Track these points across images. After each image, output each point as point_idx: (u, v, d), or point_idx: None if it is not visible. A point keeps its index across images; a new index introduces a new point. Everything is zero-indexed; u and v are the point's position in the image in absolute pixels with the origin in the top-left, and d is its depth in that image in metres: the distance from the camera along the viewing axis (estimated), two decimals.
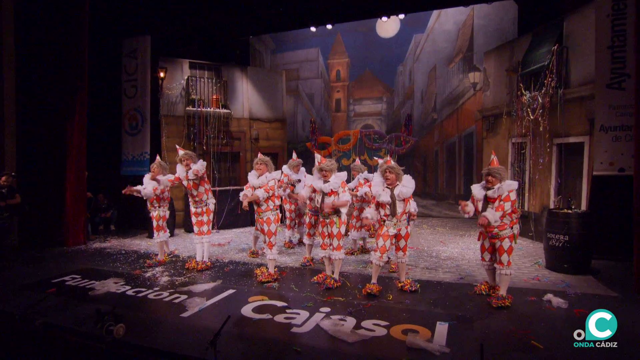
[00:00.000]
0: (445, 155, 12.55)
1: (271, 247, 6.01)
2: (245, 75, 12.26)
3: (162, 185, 6.69)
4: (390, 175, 5.22)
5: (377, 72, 13.41)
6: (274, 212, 5.92)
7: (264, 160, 6.01)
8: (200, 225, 6.78)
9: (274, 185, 5.86)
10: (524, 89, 8.74)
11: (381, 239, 5.30)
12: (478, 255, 7.44)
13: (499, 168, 4.88)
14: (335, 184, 5.62)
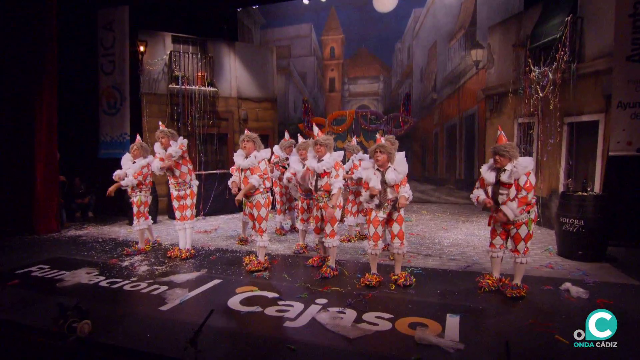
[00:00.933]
0: (445, 138, 12.16)
1: (261, 233, 5.57)
2: (233, 51, 11.67)
3: (156, 171, 6.18)
4: (380, 155, 4.71)
5: (373, 50, 12.90)
6: (264, 195, 5.46)
7: (251, 137, 5.50)
8: (182, 210, 6.32)
9: (266, 168, 5.38)
10: (532, 65, 8.32)
11: (372, 226, 4.89)
12: (484, 242, 7.14)
13: (507, 145, 4.38)
14: (328, 164, 5.19)
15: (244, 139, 5.51)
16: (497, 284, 4.73)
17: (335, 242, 5.37)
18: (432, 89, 12.29)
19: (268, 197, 5.47)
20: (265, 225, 5.55)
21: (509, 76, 9.30)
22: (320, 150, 5.28)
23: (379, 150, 4.71)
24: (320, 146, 5.27)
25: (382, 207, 4.80)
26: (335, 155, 5.30)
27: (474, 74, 11.62)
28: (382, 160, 4.72)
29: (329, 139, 5.35)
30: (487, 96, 10.36)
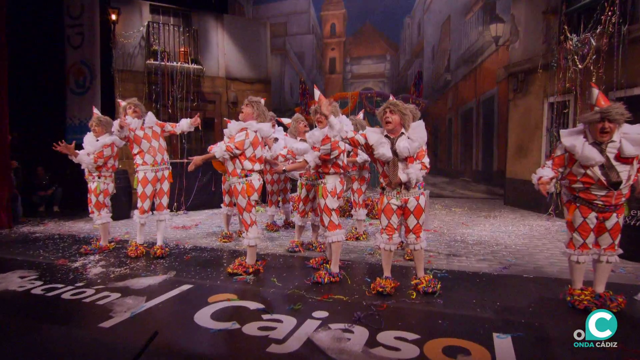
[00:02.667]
0: (460, 124, 11.34)
1: (247, 227, 4.55)
2: (221, 25, 10.68)
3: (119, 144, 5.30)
4: (391, 116, 3.70)
5: (379, 26, 12.11)
6: (244, 178, 4.42)
7: (252, 101, 4.48)
8: (160, 196, 5.43)
9: (243, 139, 4.35)
10: (569, 32, 7.31)
11: (383, 216, 3.91)
12: (516, 240, 6.17)
13: (618, 107, 3.20)
14: (316, 137, 4.26)
15: (246, 103, 4.52)
16: (599, 300, 3.49)
17: (339, 236, 4.35)
18: (445, 69, 11.44)
19: (250, 182, 4.43)
20: (250, 217, 4.53)
21: (538, 49, 8.32)
22: (322, 120, 4.28)
23: (389, 109, 3.70)
24: (321, 115, 4.27)
25: (393, 188, 3.78)
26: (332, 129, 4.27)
27: (494, 52, 10.71)
28: (393, 123, 3.71)
29: (332, 104, 4.34)
30: (510, 74, 9.40)
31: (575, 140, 3.37)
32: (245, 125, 4.41)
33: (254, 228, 4.56)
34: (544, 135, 8.35)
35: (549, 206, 8.01)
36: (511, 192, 9.50)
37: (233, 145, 4.31)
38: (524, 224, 7.40)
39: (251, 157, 4.42)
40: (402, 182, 3.74)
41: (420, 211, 3.96)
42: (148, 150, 5.24)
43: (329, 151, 4.26)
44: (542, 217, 8.01)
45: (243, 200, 4.45)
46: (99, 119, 5.49)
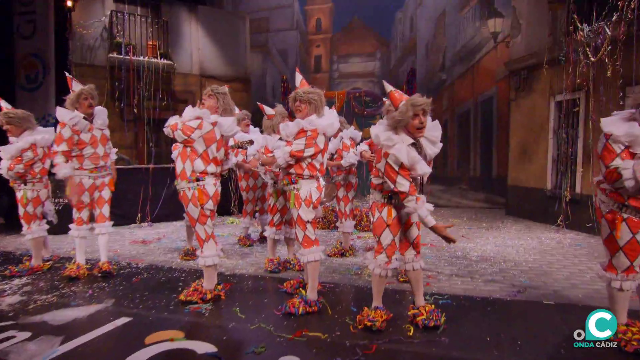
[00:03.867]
0: (456, 127, 10.85)
1: (201, 243, 3.78)
2: (195, 17, 9.99)
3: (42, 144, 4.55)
4: (423, 118, 3.02)
5: (368, 21, 11.60)
6: (194, 183, 3.66)
7: (215, 91, 3.78)
8: (101, 205, 4.64)
9: (193, 127, 3.60)
10: (579, 22, 6.71)
11: (388, 232, 3.15)
12: (526, 256, 5.48)
13: None
14: (290, 130, 3.57)
15: (207, 93, 3.81)
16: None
17: (315, 254, 3.59)
18: (440, 67, 10.95)
19: (200, 189, 3.66)
20: (205, 230, 3.75)
21: (544, 43, 7.73)
22: (301, 109, 3.54)
23: (422, 109, 2.95)
24: (300, 103, 3.56)
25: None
26: (310, 122, 3.54)
27: (492, 49, 10.23)
28: (426, 122, 3.02)
29: (314, 92, 3.62)
30: (511, 72, 8.82)
31: (632, 128, 2.68)
32: (200, 114, 3.65)
33: (210, 244, 3.78)
34: (550, 137, 7.74)
35: (558, 216, 7.35)
36: (514, 200, 8.85)
37: (181, 126, 3.55)
38: (531, 237, 6.72)
39: (204, 156, 3.65)
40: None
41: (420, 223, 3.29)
42: (90, 156, 4.46)
43: (302, 147, 3.50)
44: (550, 229, 7.34)
45: (194, 210, 3.68)
46: (9, 115, 4.61)
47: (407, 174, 2.97)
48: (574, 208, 7.11)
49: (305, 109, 3.59)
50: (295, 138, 3.54)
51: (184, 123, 3.62)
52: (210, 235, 3.80)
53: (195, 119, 3.63)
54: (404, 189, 2.94)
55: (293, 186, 3.63)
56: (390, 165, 2.96)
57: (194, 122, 3.61)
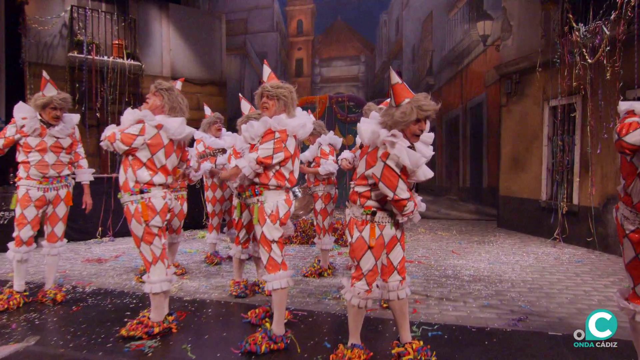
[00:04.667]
0: (445, 134, 10.54)
1: (147, 266, 3.23)
2: (166, 15, 9.50)
3: None
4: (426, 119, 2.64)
5: (352, 23, 11.32)
6: (138, 195, 3.15)
7: (162, 89, 3.27)
8: (53, 223, 4.07)
9: (134, 134, 3.09)
10: (574, 21, 6.40)
11: (370, 255, 2.67)
12: (522, 274, 5.04)
13: None
14: (256, 130, 3.11)
15: (151, 90, 3.31)
16: None
17: (282, 281, 3.07)
18: (427, 72, 10.68)
19: (144, 203, 3.13)
20: (151, 251, 3.21)
21: (536, 44, 7.46)
22: (268, 106, 3.10)
23: (427, 116, 2.58)
24: (268, 99, 3.12)
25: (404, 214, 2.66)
26: (279, 121, 3.07)
27: (481, 53, 9.98)
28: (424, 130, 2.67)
29: (285, 87, 3.17)
30: (502, 76, 8.53)
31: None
32: (141, 116, 3.13)
33: (159, 268, 3.23)
34: (544, 145, 7.40)
35: (554, 229, 6.96)
36: (506, 212, 8.47)
37: (119, 136, 3.05)
38: (527, 252, 6.30)
39: (149, 164, 3.13)
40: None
41: (404, 240, 2.86)
42: (37, 164, 3.90)
43: (271, 152, 3.00)
44: (546, 243, 6.95)
45: (138, 228, 3.15)
46: None
47: (406, 178, 2.54)
48: (571, 220, 6.73)
49: (273, 106, 3.13)
50: (262, 141, 3.04)
51: (123, 131, 3.10)
52: (159, 257, 3.25)
53: (137, 123, 3.12)
54: (405, 195, 2.52)
55: (257, 198, 3.12)
56: (391, 169, 2.50)
57: (135, 127, 3.09)
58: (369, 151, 2.67)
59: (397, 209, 2.56)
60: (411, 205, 2.55)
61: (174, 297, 4.21)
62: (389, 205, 2.61)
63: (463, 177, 10.33)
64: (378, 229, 2.64)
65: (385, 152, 2.52)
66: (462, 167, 10.34)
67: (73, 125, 4.07)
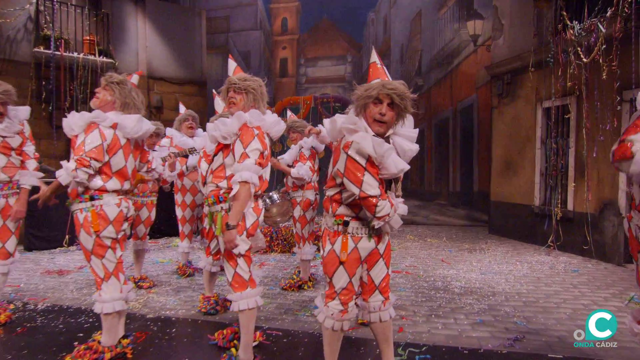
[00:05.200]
0: (434, 137, 10.44)
1: (98, 282, 2.89)
2: (142, 10, 9.15)
3: None
4: (387, 111, 2.23)
5: (339, 21, 11.16)
6: (88, 203, 2.81)
7: (113, 82, 2.90)
8: (3, 238, 3.64)
9: (99, 144, 2.75)
10: (568, 19, 6.19)
11: (343, 271, 2.36)
12: (516, 286, 4.77)
13: None
14: (229, 127, 2.77)
15: (102, 84, 2.93)
16: None
17: (249, 301, 2.75)
18: (415, 72, 10.55)
19: (94, 211, 2.79)
20: (103, 266, 2.86)
21: (528, 44, 7.27)
22: (236, 101, 2.82)
23: (389, 96, 2.20)
24: (235, 93, 2.83)
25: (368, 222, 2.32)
26: (255, 116, 2.78)
27: (472, 53, 9.84)
28: (389, 118, 2.25)
29: (253, 80, 2.88)
30: (493, 77, 8.36)
31: None
32: (94, 119, 2.78)
33: (112, 285, 2.88)
34: (537, 148, 7.19)
35: (547, 236, 6.73)
36: (498, 218, 8.24)
37: (87, 157, 2.69)
38: (520, 261, 6.05)
39: (103, 169, 2.80)
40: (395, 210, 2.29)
41: (389, 253, 2.53)
42: None
43: (262, 150, 2.72)
44: (539, 250, 6.71)
45: (88, 239, 2.80)
46: None
47: (376, 172, 2.19)
48: (566, 227, 6.50)
49: (241, 101, 2.84)
50: (243, 140, 2.70)
51: (83, 147, 2.71)
52: (113, 272, 2.89)
53: (88, 128, 2.77)
54: (374, 191, 2.15)
55: (221, 206, 2.80)
56: (354, 160, 2.16)
57: (93, 137, 2.73)
58: (334, 146, 2.40)
59: (368, 210, 2.20)
60: (385, 206, 2.17)
61: (136, 315, 3.86)
62: (365, 213, 2.29)
63: (453, 181, 10.18)
64: (352, 242, 2.32)
65: (347, 142, 2.21)
66: (452, 171, 10.19)
67: (21, 120, 3.69)
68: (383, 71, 2.39)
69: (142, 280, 4.79)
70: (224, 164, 2.86)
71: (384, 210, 2.17)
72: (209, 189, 2.91)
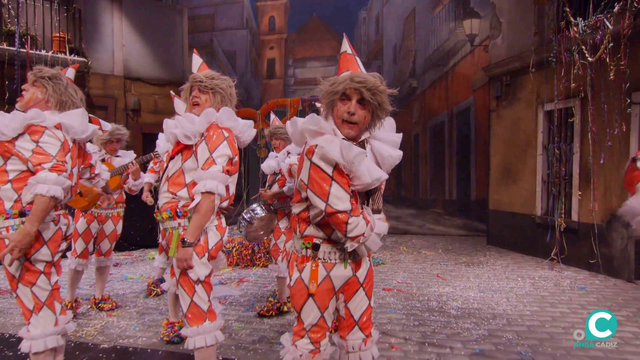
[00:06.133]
0: (429, 142, 10.19)
1: (26, 315, 2.50)
2: (119, 6, 8.82)
3: None
4: (360, 110, 1.91)
5: (329, 20, 10.92)
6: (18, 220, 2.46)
7: (43, 77, 2.50)
8: None
9: (58, 144, 2.42)
10: (571, 16, 5.90)
11: (313, 304, 2.00)
12: (518, 306, 4.43)
13: None
14: (196, 126, 2.42)
15: (30, 80, 2.55)
16: None
17: (208, 337, 2.37)
18: (409, 73, 10.32)
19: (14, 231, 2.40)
20: (31, 296, 2.46)
21: (529, 43, 7.00)
22: (201, 101, 2.50)
23: (359, 91, 1.87)
24: (201, 92, 2.50)
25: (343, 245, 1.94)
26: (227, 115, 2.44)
27: (468, 53, 9.66)
28: (360, 117, 1.91)
29: (222, 79, 2.57)
30: (491, 78, 8.11)
31: None
32: (31, 120, 2.39)
33: (43, 317, 2.48)
34: (539, 154, 6.90)
35: (550, 248, 6.40)
36: (496, 227, 7.93)
37: (59, 161, 2.36)
38: (522, 276, 5.70)
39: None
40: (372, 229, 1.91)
41: (373, 284, 2.16)
42: None
43: (231, 155, 2.40)
44: (542, 264, 6.37)
45: (15, 265, 2.38)
46: None
47: (347, 182, 1.84)
48: (570, 239, 6.18)
49: (206, 102, 2.49)
50: (210, 143, 2.34)
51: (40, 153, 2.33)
52: (45, 302, 2.48)
53: (30, 130, 2.37)
54: (343, 205, 1.81)
55: (178, 222, 2.41)
56: (318, 168, 1.83)
57: (48, 139, 2.35)
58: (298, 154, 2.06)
59: (338, 229, 1.85)
60: (359, 223, 1.82)
61: (88, 345, 3.47)
62: (337, 235, 1.92)
63: (449, 189, 9.95)
64: (323, 269, 1.95)
65: (310, 146, 1.87)
66: (448, 178, 9.96)
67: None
68: (355, 62, 2.05)
69: (103, 302, 4.39)
70: (182, 169, 2.47)
71: (357, 229, 1.81)
72: (163, 200, 2.51)
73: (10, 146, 2.42)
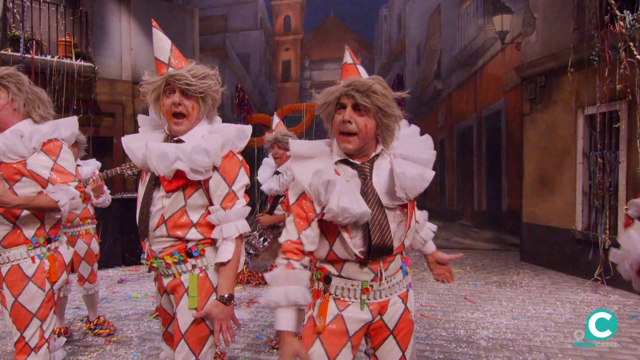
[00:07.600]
0: (456, 148, 10.07)
1: (25, 353, 2.25)
2: (127, 9, 8.92)
3: None
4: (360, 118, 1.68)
5: (347, 19, 10.96)
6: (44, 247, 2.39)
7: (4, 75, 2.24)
8: None
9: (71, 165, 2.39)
10: (617, 9, 5.60)
11: (318, 346, 1.72)
12: (558, 337, 4.02)
13: None
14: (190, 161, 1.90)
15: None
16: None
17: None
18: (434, 75, 10.23)
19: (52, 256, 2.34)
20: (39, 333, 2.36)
21: (567, 40, 6.74)
22: (186, 111, 1.97)
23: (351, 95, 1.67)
24: (185, 97, 1.96)
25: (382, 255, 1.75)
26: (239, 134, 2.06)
27: (499, 52, 9.45)
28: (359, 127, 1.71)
29: (210, 75, 2.01)
30: (524, 79, 7.93)
31: None
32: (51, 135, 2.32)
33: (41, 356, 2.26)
34: (579, 162, 6.57)
35: (593, 267, 6.02)
36: (531, 243, 7.61)
37: (78, 182, 2.34)
38: (561, 300, 5.35)
39: None
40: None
41: (410, 331, 1.88)
42: None
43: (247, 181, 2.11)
44: (584, 286, 5.98)
45: (37, 294, 2.24)
46: None
47: (306, 216, 1.70)
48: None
49: (194, 111, 1.98)
50: (227, 172, 1.96)
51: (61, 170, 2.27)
52: (48, 338, 2.33)
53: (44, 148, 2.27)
54: (287, 237, 1.71)
55: (192, 263, 1.98)
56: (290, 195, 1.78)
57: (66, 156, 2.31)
58: None
59: None
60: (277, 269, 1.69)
61: None
62: (349, 270, 1.69)
63: (478, 199, 9.77)
64: (334, 306, 1.72)
65: None
66: (476, 187, 9.79)
67: None
68: (355, 70, 1.86)
69: (99, 327, 4.20)
70: (186, 208, 1.98)
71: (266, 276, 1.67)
72: (159, 245, 2.01)
73: (20, 167, 2.21)
